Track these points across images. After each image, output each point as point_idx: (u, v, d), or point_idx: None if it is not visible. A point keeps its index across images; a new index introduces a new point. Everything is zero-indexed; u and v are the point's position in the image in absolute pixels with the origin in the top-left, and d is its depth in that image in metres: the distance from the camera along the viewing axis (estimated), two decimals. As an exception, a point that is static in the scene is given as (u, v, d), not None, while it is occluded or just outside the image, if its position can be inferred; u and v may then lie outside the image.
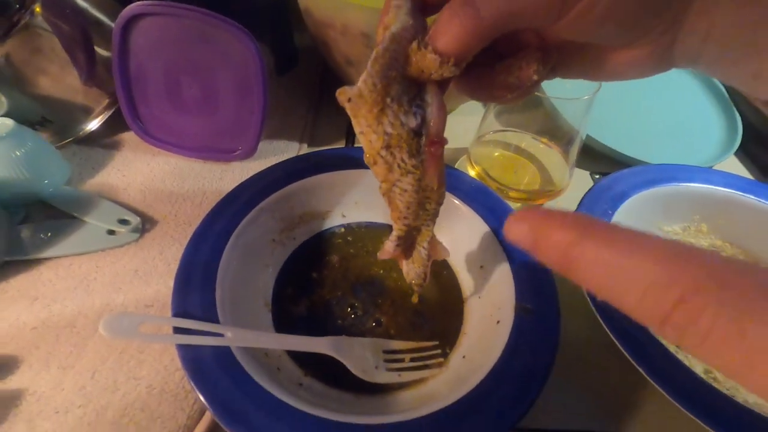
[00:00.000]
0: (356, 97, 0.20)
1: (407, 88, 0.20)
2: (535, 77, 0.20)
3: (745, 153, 0.51)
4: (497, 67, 0.21)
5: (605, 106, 0.48)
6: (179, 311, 0.26)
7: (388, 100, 0.20)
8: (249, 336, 0.26)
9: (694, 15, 0.17)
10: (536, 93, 0.37)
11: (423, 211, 0.24)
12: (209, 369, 0.24)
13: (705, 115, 0.52)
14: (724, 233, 0.39)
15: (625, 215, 0.36)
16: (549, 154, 0.43)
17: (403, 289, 0.33)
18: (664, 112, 0.52)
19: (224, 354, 0.24)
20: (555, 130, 0.41)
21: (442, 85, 0.21)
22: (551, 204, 0.42)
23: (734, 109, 0.52)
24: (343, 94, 0.20)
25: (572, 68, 0.21)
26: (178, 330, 0.24)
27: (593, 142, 0.47)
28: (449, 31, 0.18)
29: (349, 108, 0.20)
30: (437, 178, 0.22)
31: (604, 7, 0.16)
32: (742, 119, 0.51)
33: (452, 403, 0.24)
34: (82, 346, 0.28)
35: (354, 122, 0.21)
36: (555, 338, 0.27)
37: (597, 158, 0.47)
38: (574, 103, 0.36)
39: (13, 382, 0.26)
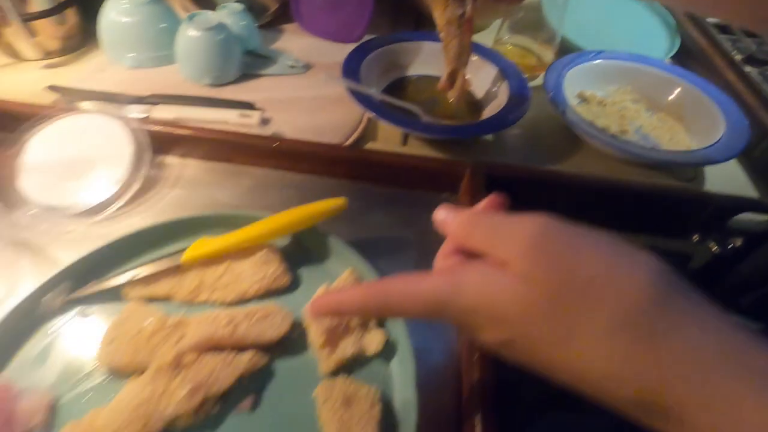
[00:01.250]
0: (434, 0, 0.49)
1: None
2: None
3: (678, 60, 0.76)
4: None
5: (584, 19, 0.74)
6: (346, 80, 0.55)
7: (448, 2, 0.48)
8: (378, 94, 0.55)
9: None
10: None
11: (461, 60, 0.53)
12: (369, 101, 0.52)
13: (655, 32, 0.78)
14: (640, 92, 0.65)
15: (576, 76, 0.62)
16: (541, 48, 0.69)
17: (449, 103, 0.61)
18: (625, 26, 0.78)
19: (373, 96, 0.53)
20: (545, 34, 0.67)
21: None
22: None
23: (676, 29, 0.77)
24: None
25: None
26: (349, 85, 0.53)
27: (571, 45, 0.73)
28: None
29: (432, 5, 0.49)
30: (468, 41, 0.51)
31: None
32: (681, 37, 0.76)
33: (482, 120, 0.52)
34: (294, 102, 0.58)
35: (433, 13, 0.50)
36: (526, 103, 0.54)
37: (574, 56, 0.73)
38: (552, 6, 0.63)
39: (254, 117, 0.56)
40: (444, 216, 0.26)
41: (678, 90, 0.62)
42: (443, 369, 0.37)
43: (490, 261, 0.22)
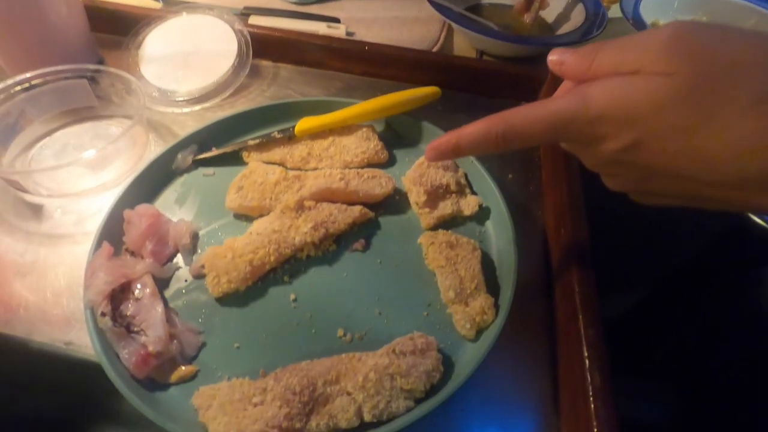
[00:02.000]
0: None
1: None
2: None
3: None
4: None
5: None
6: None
7: None
8: (458, 8, 0.57)
9: None
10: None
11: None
12: (450, 12, 0.55)
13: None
14: (715, 22, 0.65)
15: (651, 5, 0.63)
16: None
17: (524, 26, 0.63)
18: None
19: (453, 9, 0.55)
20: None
21: None
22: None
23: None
24: None
25: None
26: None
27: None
28: None
29: None
30: None
31: None
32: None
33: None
34: (374, 21, 0.61)
35: None
36: (604, 20, 0.56)
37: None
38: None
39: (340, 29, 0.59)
40: (559, 55, 0.27)
41: (755, 18, 0.62)
42: (531, 237, 0.40)
43: (619, 75, 0.24)
